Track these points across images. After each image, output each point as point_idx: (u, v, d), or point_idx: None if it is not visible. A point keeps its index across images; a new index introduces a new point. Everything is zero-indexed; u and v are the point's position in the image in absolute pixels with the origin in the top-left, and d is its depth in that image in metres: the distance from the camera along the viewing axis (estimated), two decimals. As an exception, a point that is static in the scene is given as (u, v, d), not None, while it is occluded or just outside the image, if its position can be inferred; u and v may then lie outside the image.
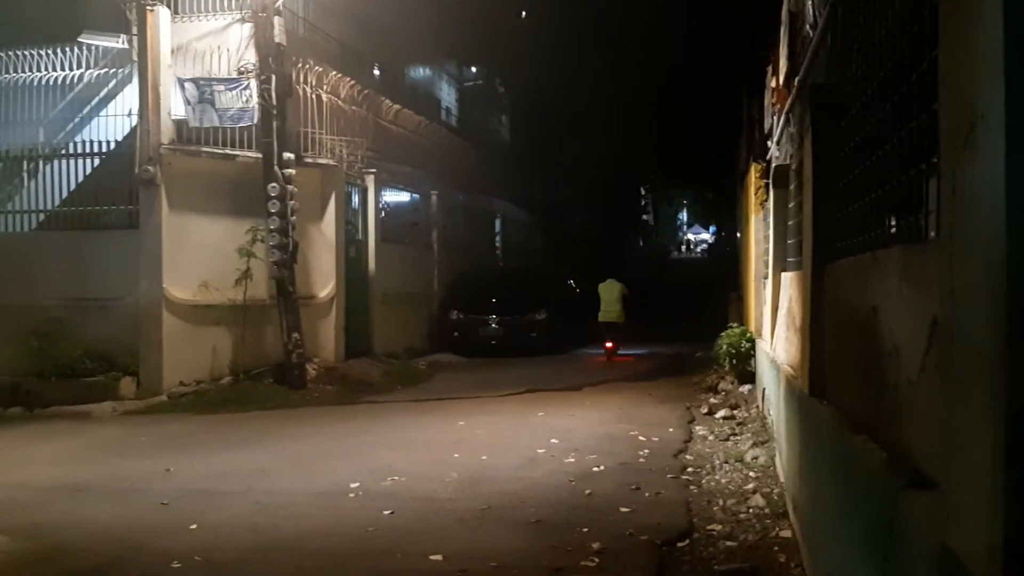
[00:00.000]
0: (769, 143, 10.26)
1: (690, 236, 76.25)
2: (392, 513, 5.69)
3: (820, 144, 4.42)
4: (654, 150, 35.20)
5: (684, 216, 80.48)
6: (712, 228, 64.69)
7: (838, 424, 3.51)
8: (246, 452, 7.86)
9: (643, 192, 56.30)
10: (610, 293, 16.82)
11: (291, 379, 11.57)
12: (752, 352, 10.54)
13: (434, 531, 5.34)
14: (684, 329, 21.59)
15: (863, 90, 3.60)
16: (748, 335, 10.84)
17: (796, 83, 6.52)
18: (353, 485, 6.41)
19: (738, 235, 20.79)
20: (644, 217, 59.60)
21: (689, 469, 7.01)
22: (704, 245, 68.46)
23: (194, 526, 5.43)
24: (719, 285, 28.26)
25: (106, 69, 12.25)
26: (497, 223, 23.41)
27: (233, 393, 11.06)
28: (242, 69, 11.76)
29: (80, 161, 12.00)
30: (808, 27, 5.90)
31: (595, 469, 6.98)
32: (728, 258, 29.40)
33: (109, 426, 9.53)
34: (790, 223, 7.16)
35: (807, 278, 4.58)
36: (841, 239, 4.10)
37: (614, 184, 35.81)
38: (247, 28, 11.86)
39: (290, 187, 11.63)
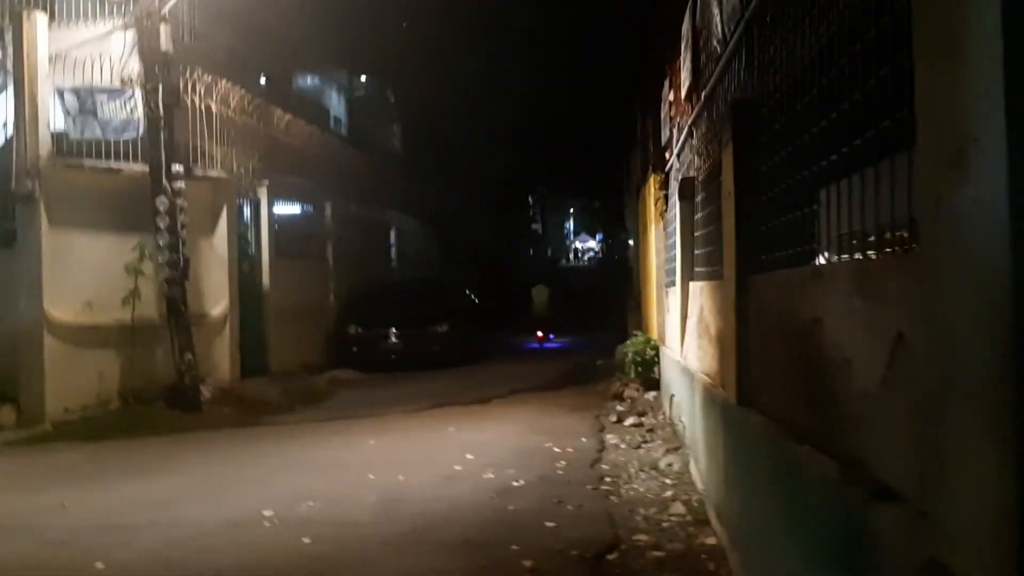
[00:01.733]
0: (667, 155, 10.52)
1: (577, 244, 77.46)
2: (312, 541, 5.48)
3: (741, 159, 4.52)
4: (543, 160, 35.61)
5: (571, 225, 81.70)
6: (599, 236, 65.92)
7: (776, 434, 3.58)
8: (145, 481, 7.46)
9: (531, 201, 56.88)
10: (541, 295, 23.40)
11: (185, 402, 11.07)
12: (657, 359, 10.74)
13: (359, 558, 5.18)
14: (580, 337, 21.96)
15: (788, 107, 3.70)
16: (652, 343, 11.05)
17: (702, 97, 6.67)
18: (267, 513, 6.15)
19: (630, 243, 21.22)
20: (533, 226, 60.19)
21: (607, 479, 7.06)
22: (592, 253, 69.68)
23: (101, 565, 5.09)
24: (611, 293, 28.90)
25: (-25, 77, 11.45)
26: (392, 234, 23.18)
27: (123, 419, 10.50)
28: (126, 78, 11.22)
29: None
30: (715, 43, 6.03)
31: (515, 484, 6.94)
32: (618, 266, 30.02)
33: (-12, 459, 8.88)
34: (697, 234, 7.32)
35: (730, 290, 4.67)
36: (765, 252, 4.20)
37: (505, 194, 36.05)
38: (131, 35, 11.33)
39: (180, 201, 11.17)
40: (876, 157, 2.52)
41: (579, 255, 73.26)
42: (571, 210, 75.04)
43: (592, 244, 72.40)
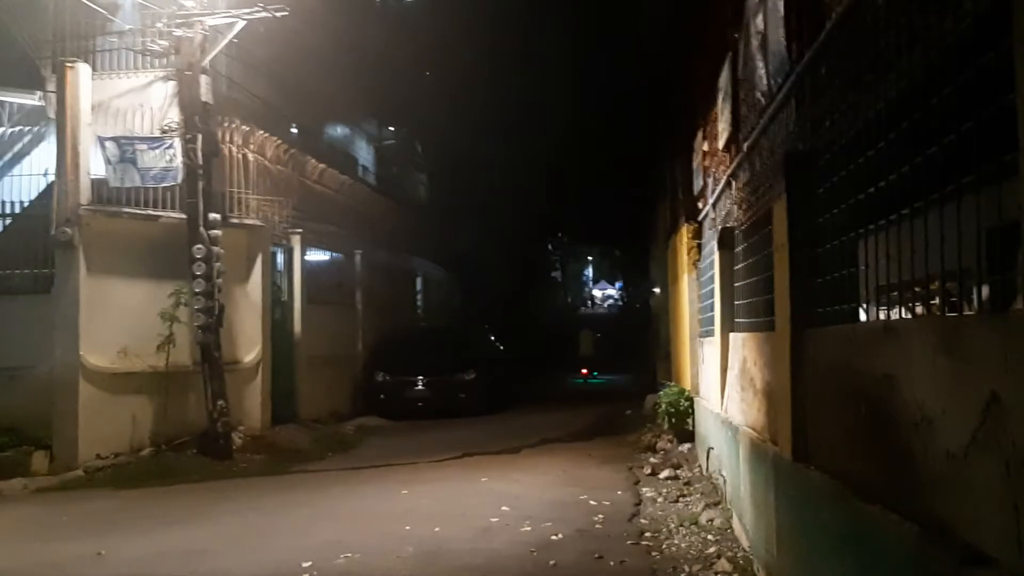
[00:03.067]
0: (700, 204, 10.51)
1: (596, 292, 77.37)
2: (354, 594, 5.39)
3: (795, 210, 4.48)
4: (565, 208, 35.82)
5: (590, 272, 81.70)
6: (618, 284, 65.86)
7: (841, 492, 3.48)
8: (180, 530, 7.40)
9: (552, 249, 57.07)
10: (587, 339, 28.34)
11: (216, 449, 11.04)
12: (691, 411, 10.61)
13: (403, 613, 5.08)
14: (606, 385, 21.83)
15: (849, 159, 3.67)
16: (686, 394, 10.92)
17: (744, 148, 6.66)
18: (305, 564, 6.07)
19: (655, 291, 21.15)
20: (553, 274, 60.30)
21: (647, 534, 6.93)
22: (611, 300, 69.55)
23: (141, 618, 5.02)
24: (632, 339, 28.81)
25: (19, 127, 11.69)
26: (418, 282, 23.25)
27: (155, 465, 10.47)
28: (166, 128, 11.42)
29: (-13, 222, 11.37)
30: (759, 94, 6.04)
31: (553, 537, 6.82)
32: (639, 313, 29.94)
33: (22, 505, 8.86)
34: (737, 284, 7.25)
35: (784, 343, 4.60)
36: (822, 306, 4.14)
37: (527, 242, 36.18)
38: (171, 86, 11.55)
39: (216, 248, 11.25)
40: (948, 213, 2.48)
41: (597, 302, 73.15)
42: (590, 258, 75.18)
43: (611, 291, 72.31)
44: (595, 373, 26.86)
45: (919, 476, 2.75)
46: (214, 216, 11.30)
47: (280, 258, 14.05)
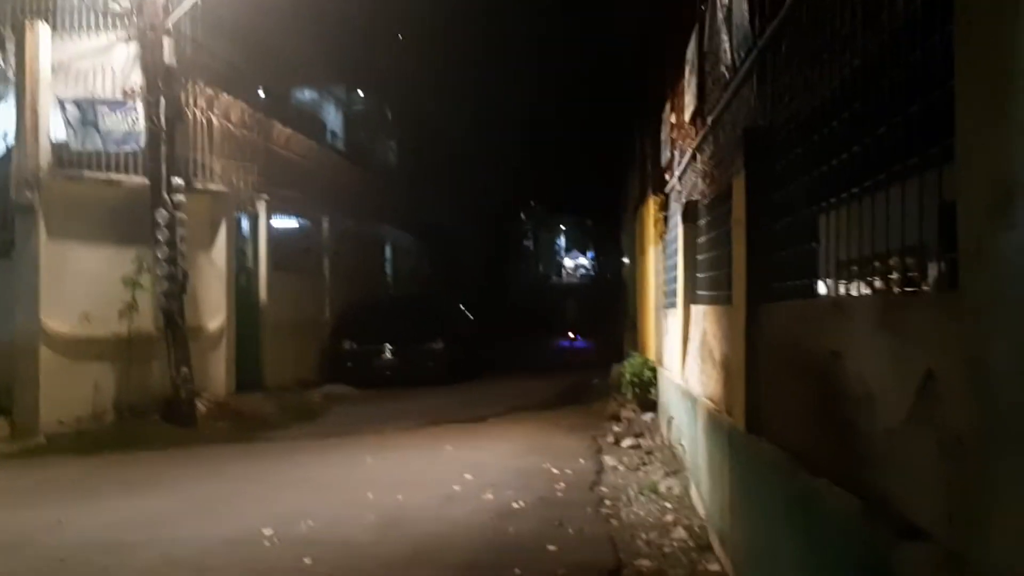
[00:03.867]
0: (668, 176, 10.55)
1: (567, 261, 77.53)
2: (314, 562, 5.44)
3: (753, 187, 4.53)
4: (537, 178, 35.73)
5: (562, 242, 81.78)
6: (590, 254, 66.08)
7: (789, 464, 3.56)
8: (141, 497, 7.39)
9: (524, 218, 56.98)
10: (571, 308, 30.87)
11: (180, 416, 11.01)
12: (654, 381, 10.73)
13: (362, 580, 5.14)
14: (575, 356, 22.01)
15: (804, 137, 3.71)
16: (650, 364, 11.04)
17: (708, 121, 6.69)
18: (267, 531, 6.10)
19: (625, 261, 21.27)
20: (525, 243, 60.26)
21: (607, 502, 7.03)
22: (582, 270, 69.78)
23: (100, 585, 5.04)
24: (603, 311, 29.01)
25: (-27, 87, 11.43)
26: (387, 249, 23.17)
27: (118, 432, 10.43)
28: (128, 90, 11.21)
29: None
30: (724, 68, 6.06)
31: (515, 505, 6.91)
32: (610, 283, 30.14)
33: (-18, 472, 8.80)
34: (700, 257, 7.32)
35: (740, 317, 4.67)
36: (776, 281, 4.20)
37: (499, 211, 36.10)
38: (133, 47, 11.33)
39: (179, 214, 11.13)
40: (893, 191, 2.53)
41: (569, 272, 73.30)
42: (562, 227, 75.18)
43: (583, 261, 72.48)
44: (577, 337, 29.71)
45: (862, 451, 2.83)
46: (178, 181, 11.16)
47: (245, 224, 13.93)
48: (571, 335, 29.66)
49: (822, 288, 3.59)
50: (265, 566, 5.41)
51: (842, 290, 3.25)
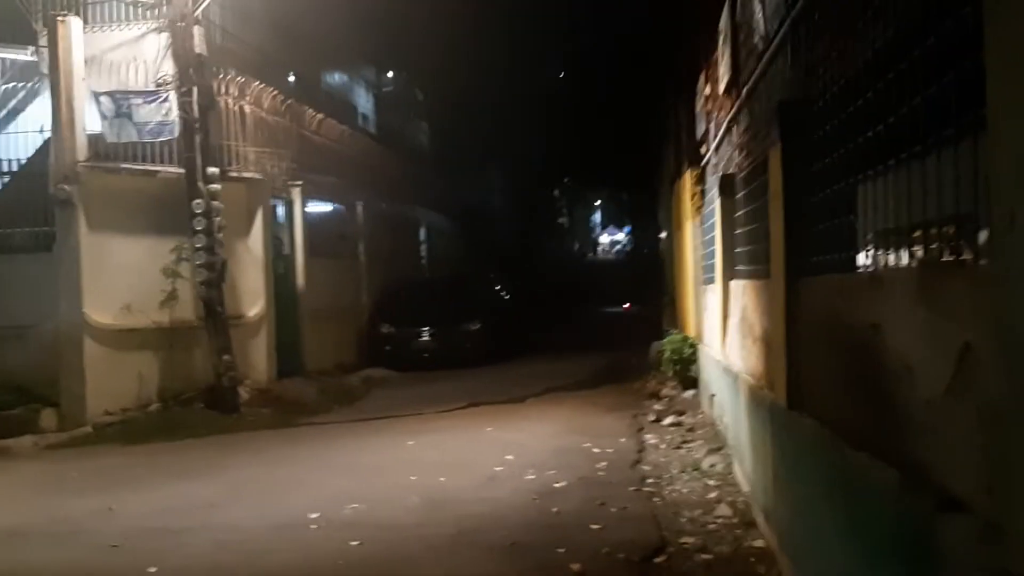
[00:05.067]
0: (703, 149, 10.50)
1: (604, 237, 77.26)
2: (360, 544, 5.58)
3: (789, 159, 4.53)
4: (571, 152, 35.62)
5: (598, 217, 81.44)
6: (627, 228, 65.69)
7: (830, 439, 3.59)
8: (189, 484, 7.61)
9: (558, 195, 56.81)
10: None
11: (223, 403, 11.25)
12: (695, 358, 10.74)
13: (408, 560, 5.27)
14: (614, 333, 22.00)
15: (840, 108, 3.70)
16: (690, 341, 11.04)
17: (743, 92, 6.66)
18: (313, 515, 6.26)
19: (662, 236, 21.20)
20: (559, 220, 60.12)
21: (649, 480, 7.09)
22: (619, 246, 69.50)
23: (153, 569, 5.22)
24: (641, 288, 28.94)
25: (13, 83, 11.70)
26: (421, 232, 23.31)
27: (163, 421, 10.70)
28: (160, 81, 11.40)
29: (-16, 181, 11.47)
30: (758, 39, 6.03)
31: (556, 485, 6.99)
32: (648, 259, 30.00)
33: (33, 462, 9.10)
34: (737, 232, 7.31)
35: (779, 291, 4.68)
36: (815, 254, 4.21)
37: (533, 188, 36.09)
38: (164, 38, 11.50)
39: (215, 203, 11.31)
40: (930, 163, 2.54)
41: (606, 248, 73.05)
42: (597, 203, 74.84)
43: (620, 236, 72.14)
44: (619, 309, 31.13)
45: (902, 424, 2.85)
46: (212, 170, 11.34)
47: (280, 211, 14.11)
48: (627, 305, 29.92)
49: (861, 261, 3.61)
50: (313, 549, 5.56)
51: (880, 263, 3.26)
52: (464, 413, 11.22)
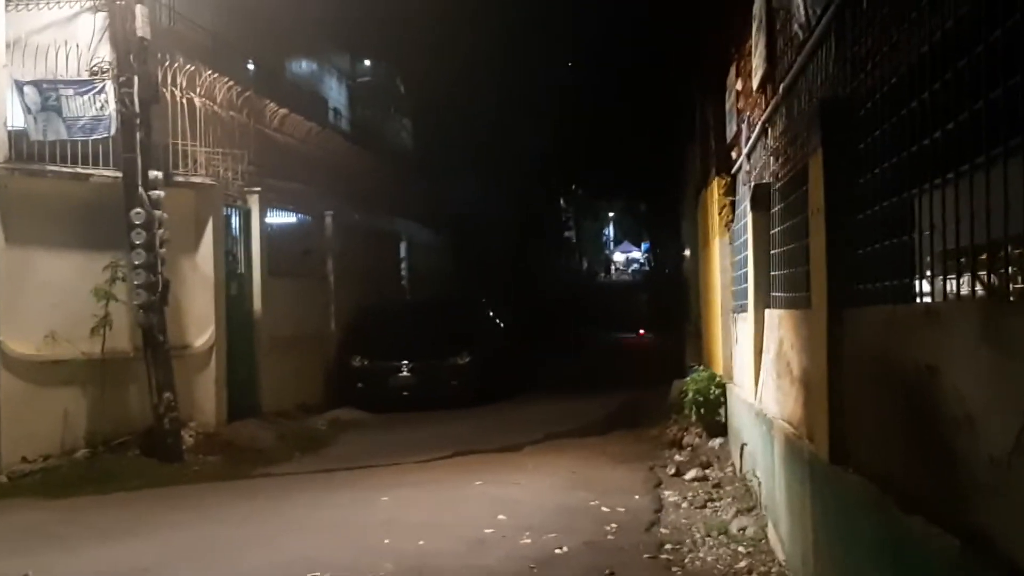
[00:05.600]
0: (734, 153, 10.56)
1: (618, 255, 77.47)
2: (322, 620, 5.55)
3: (833, 169, 4.55)
4: (580, 155, 35.75)
5: (611, 232, 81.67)
6: (644, 245, 65.84)
7: (881, 500, 3.59)
8: (120, 546, 7.57)
9: (564, 205, 56.96)
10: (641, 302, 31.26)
11: (163, 450, 11.21)
12: (723, 400, 10.75)
13: (379, 641, 5.23)
14: (627, 369, 22.01)
15: (893, 110, 3.72)
16: (717, 380, 11.05)
17: (780, 89, 6.70)
18: (266, 585, 6.23)
19: (686, 253, 21.25)
20: (566, 234, 60.28)
21: (667, 546, 7.08)
22: (636, 265, 69.68)
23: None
24: (661, 316, 29.00)
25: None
26: (402, 247, 23.35)
27: (91, 470, 10.64)
28: (95, 69, 11.45)
29: None
30: (797, 27, 6.08)
31: (557, 551, 6.98)
32: (670, 281, 30.03)
33: (-64, 518, 9.05)
34: (774, 252, 7.33)
35: (820, 323, 4.70)
36: (863, 281, 4.22)
37: (536, 197, 36.17)
38: (101, 18, 11.58)
39: (158, 212, 11.33)
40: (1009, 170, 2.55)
41: (619, 267, 73.22)
42: (610, 214, 75.09)
43: (636, 254, 72.30)
44: (643, 331, 32.16)
45: (962, 482, 2.86)
46: (155, 174, 11.35)
47: (236, 222, 14.12)
48: (641, 331, 30.05)
49: (917, 289, 3.62)
50: (265, 625, 5.53)
51: (940, 292, 3.26)
52: (449, 464, 11.20)
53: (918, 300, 3.57)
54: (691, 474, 9.63)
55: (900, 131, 3.64)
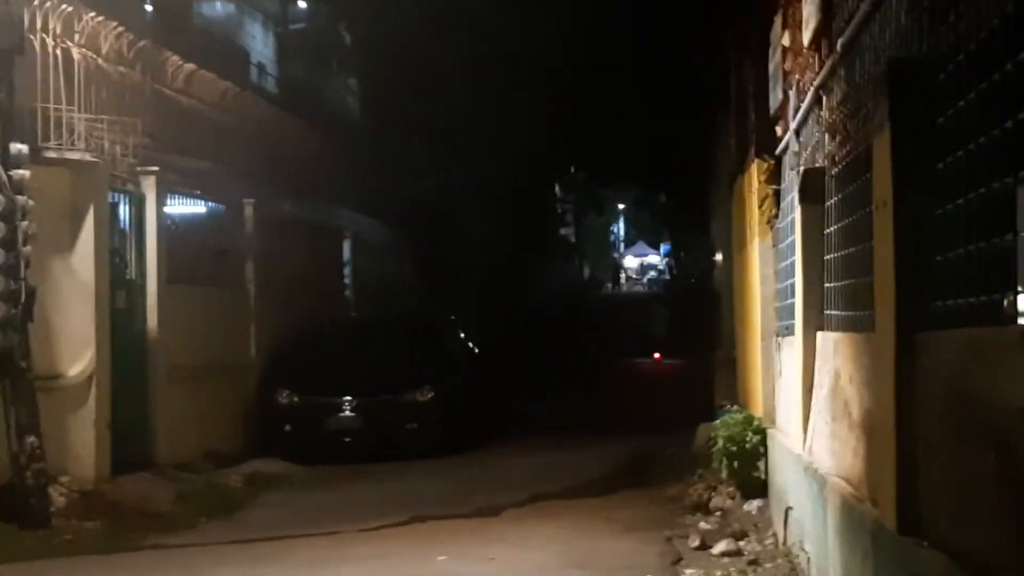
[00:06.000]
0: (778, 129, 10.60)
1: (630, 260, 77.61)
2: None
3: (904, 151, 4.56)
4: (581, 130, 35.77)
5: (621, 230, 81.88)
6: (664, 247, 66.02)
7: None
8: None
9: (560, 194, 56.96)
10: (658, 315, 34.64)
11: (25, 512, 11.12)
12: (763, 450, 10.76)
13: None
14: (640, 406, 22.03)
15: (984, 73, 3.72)
16: (755, 424, 11.06)
17: (838, 45, 6.73)
18: None
19: (717, 258, 21.31)
20: (563, 232, 60.29)
21: (687, 643, 7.08)
22: (653, 273, 69.84)
23: None
24: (683, 336, 29.01)
25: None
26: (346, 246, 23.33)
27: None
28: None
29: None
30: (859, -36, 6.11)
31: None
32: (695, 294, 30.11)
33: None
34: (829, 257, 7.35)
35: (887, 350, 4.70)
36: (943, 296, 4.22)
37: (523, 184, 36.15)
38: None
39: (21, 199, 11.26)
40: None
41: (633, 275, 73.34)
42: (620, 206, 75.29)
43: (654, 259, 72.55)
44: (660, 355, 31.85)
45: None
46: (18, 147, 11.30)
47: (125, 212, 14.07)
48: (657, 356, 30.93)
49: (1014, 308, 3.61)
50: None
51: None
52: (404, 533, 11.18)
53: (1016, 322, 3.56)
54: (720, 547, 9.61)
55: (994, 99, 3.63)
